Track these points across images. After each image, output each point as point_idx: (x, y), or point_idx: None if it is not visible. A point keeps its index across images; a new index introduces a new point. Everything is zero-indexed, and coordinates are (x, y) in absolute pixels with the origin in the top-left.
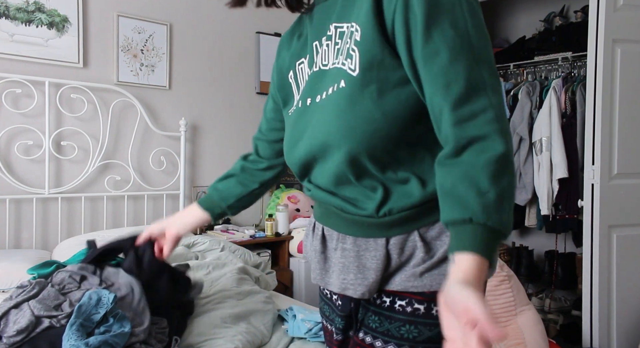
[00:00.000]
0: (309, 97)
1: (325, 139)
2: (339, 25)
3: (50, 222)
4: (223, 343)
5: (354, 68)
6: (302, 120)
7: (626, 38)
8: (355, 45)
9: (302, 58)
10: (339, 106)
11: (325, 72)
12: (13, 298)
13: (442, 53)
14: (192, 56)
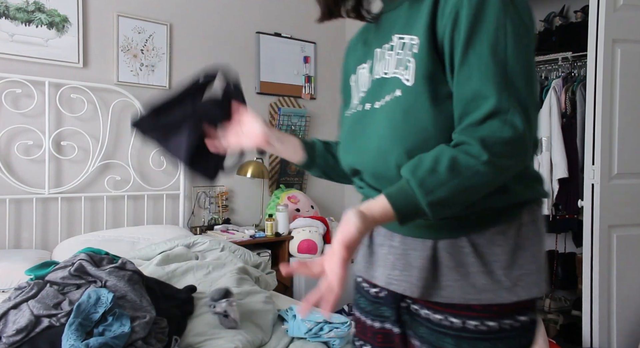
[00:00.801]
0: (369, 102)
1: (378, 144)
2: (402, 36)
3: (50, 222)
4: (223, 343)
5: (409, 78)
6: (360, 123)
7: (626, 38)
8: (413, 56)
9: (363, 63)
10: (393, 114)
11: (385, 80)
12: (12, 299)
13: (474, 79)
14: (192, 56)
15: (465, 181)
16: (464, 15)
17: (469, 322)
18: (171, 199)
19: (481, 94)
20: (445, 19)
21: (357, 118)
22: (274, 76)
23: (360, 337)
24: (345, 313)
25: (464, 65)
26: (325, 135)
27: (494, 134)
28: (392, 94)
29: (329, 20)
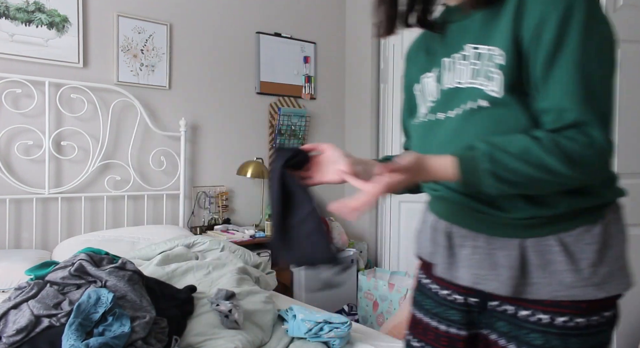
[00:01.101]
0: (442, 112)
1: (463, 136)
2: (477, 47)
3: (50, 222)
4: (223, 343)
5: (496, 89)
6: (435, 131)
7: (626, 38)
8: (498, 68)
9: (428, 72)
10: (482, 124)
11: (460, 90)
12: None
13: (559, 92)
14: (192, 56)
15: (527, 170)
16: (549, 29)
17: (557, 318)
18: (171, 199)
19: (565, 107)
20: (529, 31)
21: (429, 127)
22: (274, 76)
23: (421, 338)
24: (345, 313)
25: (549, 77)
26: (325, 135)
27: (574, 143)
28: (474, 103)
29: (391, 35)
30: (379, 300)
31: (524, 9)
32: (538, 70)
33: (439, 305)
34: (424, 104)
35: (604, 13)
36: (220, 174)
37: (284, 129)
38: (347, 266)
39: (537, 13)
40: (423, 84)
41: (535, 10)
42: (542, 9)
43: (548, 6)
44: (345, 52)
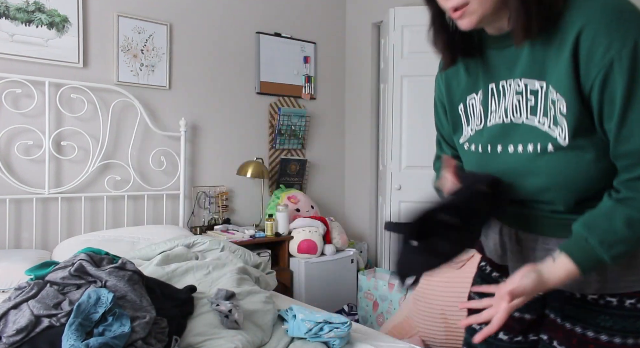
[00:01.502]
0: (499, 144)
1: (533, 189)
2: (530, 82)
3: (50, 222)
4: (223, 343)
5: (564, 137)
6: (493, 163)
7: None
8: (562, 115)
9: (473, 93)
10: (551, 165)
11: (517, 127)
12: (12, 299)
13: (637, 137)
14: (192, 56)
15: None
16: (618, 71)
17: (626, 301)
18: (171, 199)
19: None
20: (593, 71)
21: (487, 158)
22: (274, 76)
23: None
24: (345, 313)
25: (625, 123)
26: (325, 135)
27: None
28: (541, 146)
29: (453, 65)
30: (379, 300)
31: (584, 54)
32: (612, 119)
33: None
34: (468, 126)
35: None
36: (220, 174)
37: (284, 129)
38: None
39: (600, 63)
40: (468, 106)
41: (597, 60)
42: (604, 57)
43: (610, 54)
44: (345, 52)
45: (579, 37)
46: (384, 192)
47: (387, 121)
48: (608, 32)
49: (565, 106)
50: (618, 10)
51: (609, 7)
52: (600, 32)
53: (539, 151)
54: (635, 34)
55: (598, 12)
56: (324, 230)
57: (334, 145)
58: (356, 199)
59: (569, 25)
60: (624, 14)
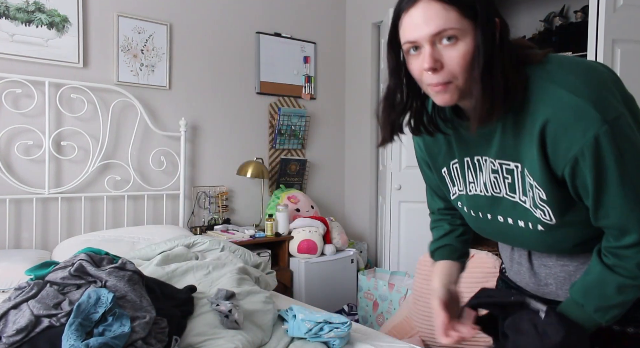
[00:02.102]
0: (488, 213)
1: (530, 247)
2: (504, 163)
3: (50, 222)
4: (223, 343)
5: (549, 218)
6: (488, 227)
7: (626, 38)
8: (542, 201)
9: (453, 159)
10: (536, 237)
11: (500, 200)
12: (12, 299)
13: (612, 216)
14: (192, 56)
15: (631, 297)
16: (583, 166)
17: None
18: (171, 199)
19: (622, 228)
20: (561, 163)
21: (480, 221)
22: (274, 76)
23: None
24: (345, 313)
25: (600, 205)
26: (325, 135)
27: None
28: (531, 225)
29: (391, 142)
30: (379, 300)
31: (550, 147)
32: (589, 200)
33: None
34: (454, 186)
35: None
36: (220, 174)
37: (284, 129)
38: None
39: (565, 158)
40: (452, 169)
41: (562, 155)
42: (567, 154)
43: (573, 151)
44: (345, 52)
45: (544, 130)
46: (384, 192)
47: None
48: (567, 132)
49: (544, 194)
50: (575, 106)
51: (566, 104)
52: (560, 131)
53: (530, 227)
54: (594, 129)
55: (557, 109)
56: (324, 230)
57: (334, 145)
58: (356, 199)
59: (535, 116)
60: (582, 109)
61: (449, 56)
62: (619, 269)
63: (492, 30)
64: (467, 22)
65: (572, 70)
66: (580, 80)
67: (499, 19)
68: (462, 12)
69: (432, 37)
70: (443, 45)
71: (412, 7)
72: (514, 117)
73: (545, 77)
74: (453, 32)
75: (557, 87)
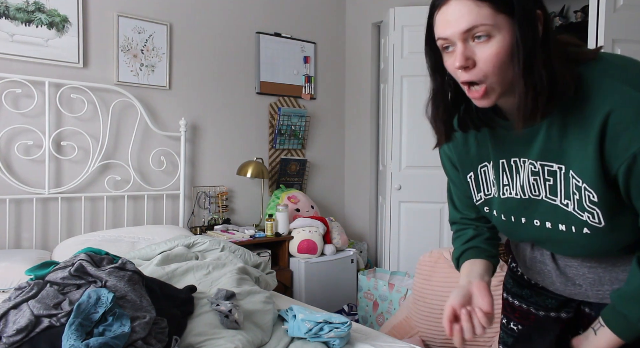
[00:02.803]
0: (522, 216)
1: (568, 253)
2: (547, 164)
3: (50, 222)
4: (223, 343)
5: (598, 221)
6: (521, 230)
7: (626, 38)
8: (592, 203)
9: (485, 162)
10: (581, 241)
11: (538, 202)
12: (12, 299)
13: None
14: (192, 56)
15: None
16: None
17: None
18: (171, 199)
19: None
20: (618, 160)
21: (512, 226)
22: (274, 76)
23: (519, 321)
24: (345, 313)
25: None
26: (325, 135)
27: None
28: (572, 227)
29: (450, 141)
30: (379, 300)
31: (610, 140)
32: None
33: (536, 295)
34: (478, 193)
35: None
36: (220, 174)
37: (284, 129)
38: None
39: (623, 154)
40: (480, 173)
41: (621, 150)
42: (627, 150)
43: (633, 148)
44: (345, 52)
45: (604, 126)
46: (384, 192)
47: (387, 121)
48: (629, 128)
49: (595, 196)
50: (639, 103)
51: (629, 99)
52: (622, 127)
53: (573, 231)
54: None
55: (620, 105)
56: (324, 230)
57: (334, 145)
58: (356, 199)
59: (594, 113)
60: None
61: (482, 53)
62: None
63: (533, 23)
64: (502, 17)
65: (630, 67)
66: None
67: (542, 10)
68: (496, 7)
69: (463, 34)
70: (476, 42)
71: (444, 4)
72: (563, 117)
73: (604, 74)
74: (485, 28)
75: (619, 83)
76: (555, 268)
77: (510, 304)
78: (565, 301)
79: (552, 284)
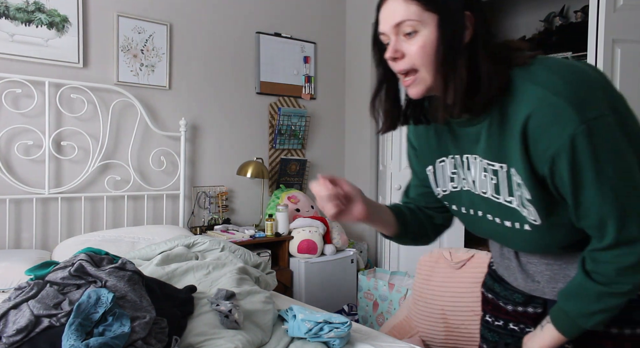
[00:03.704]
0: (479, 210)
1: (518, 247)
2: (490, 163)
3: (50, 222)
4: (223, 343)
5: (535, 219)
6: (479, 224)
7: (626, 38)
8: (528, 201)
9: (443, 157)
10: (524, 237)
11: (487, 200)
12: (12, 299)
13: (592, 216)
14: (192, 56)
15: (613, 303)
16: (559, 165)
17: None
18: (171, 199)
19: (600, 229)
20: (541, 162)
21: (472, 219)
22: (274, 76)
23: (492, 314)
24: (345, 313)
25: (578, 206)
26: (325, 135)
27: (623, 263)
28: (516, 224)
29: (392, 130)
30: (379, 300)
31: (532, 144)
32: (569, 199)
33: (505, 289)
34: (437, 187)
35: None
36: (220, 174)
37: (284, 129)
38: None
39: (544, 157)
40: (437, 168)
41: (541, 153)
42: (545, 153)
43: (550, 151)
44: (345, 52)
45: (525, 130)
46: (384, 192)
47: None
48: (545, 131)
49: (528, 194)
50: (554, 106)
51: (545, 103)
52: (539, 131)
53: (517, 227)
54: (571, 129)
55: (537, 109)
56: (324, 230)
57: (334, 145)
58: None
59: (516, 116)
60: (560, 109)
61: (409, 46)
62: (596, 276)
63: (458, 23)
64: (429, 15)
65: (556, 71)
66: (562, 80)
67: (473, 12)
68: (423, 5)
69: (394, 28)
70: (405, 37)
71: (383, 3)
72: (499, 117)
73: (528, 78)
74: (412, 24)
75: (538, 87)
76: (518, 264)
77: (485, 297)
78: (530, 297)
79: (515, 280)
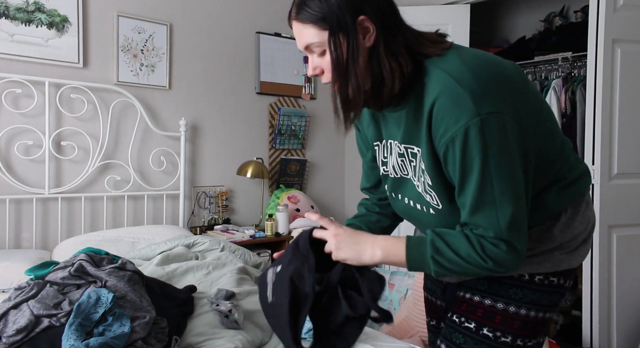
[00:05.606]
0: (398, 193)
1: (424, 226)
2: (409, 147)
3: (50, 222)
4: (223, 343)
5: (436, 203)
6: (398, 205)
7: (626, 38)
8: (431, 188)
9: (378, 141)
10: (431, 220)
11: (405, 181)
12: (12, 299)
13: (468, 206)
14: (192, 56)
15: (465, 268)
16: (450, 155)
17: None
18: (171, 199)
19: (474, 220)
20: (438, 146)
21: (395, 201)
22: (274, 76)
23: (428, 313)
24: None
25: (461, 192)
26: (325, 135)
27: (492, 251)
28: (425, 208)
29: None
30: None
31: (433, 127)
32: (454, 181)
33: (433, 284)
34: (380, 162)
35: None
36: (220, 174)
37: (284, 129)
38: None
39: (439, 144)
40: (374, 150)
41: (437, 140)
42: (441, 140)
43: (445, 138)
44: None
45: (431, 113)
46: None
47: None
48: (444, 117)
49: (430, 179)
50: (455, 94)
51: (448, 89)
52: (440, 116)
53: (424, 210)
54: (466, 119)
55: (440, 93)
56: None
57: (334, 145)
58: (356, 199)
59: (425, 100)
60: (460, 98)
61: (322, 63)
62: (474, 244)
63: (350, 33)
64: (326, 34)
65: (467, 61)
66: (470, 72)
67: (368, 15)
68: (317, 25)
69: (305, 50)
70: (318, 55)
71: (290, 25)
72: (416, 103)
73: (440, 65)
74: (317, 45)
75: (444, 74)
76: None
77: (424, 298)
78: (444, 288)
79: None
